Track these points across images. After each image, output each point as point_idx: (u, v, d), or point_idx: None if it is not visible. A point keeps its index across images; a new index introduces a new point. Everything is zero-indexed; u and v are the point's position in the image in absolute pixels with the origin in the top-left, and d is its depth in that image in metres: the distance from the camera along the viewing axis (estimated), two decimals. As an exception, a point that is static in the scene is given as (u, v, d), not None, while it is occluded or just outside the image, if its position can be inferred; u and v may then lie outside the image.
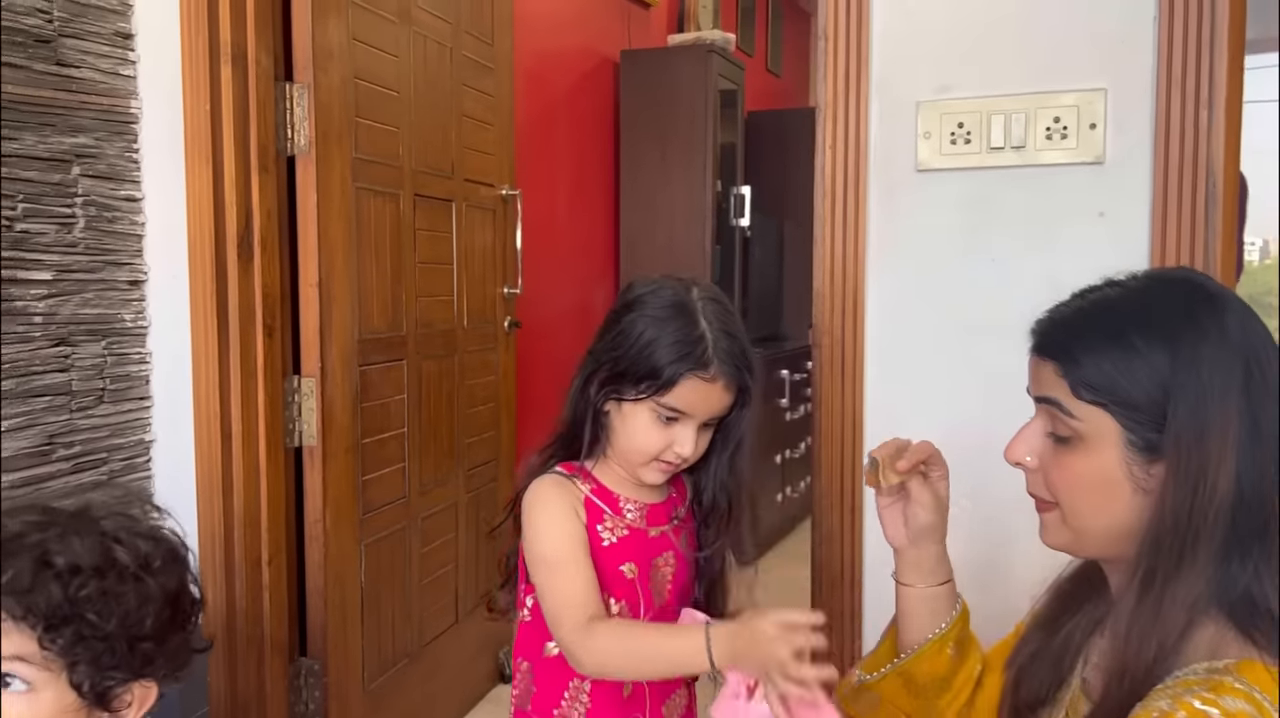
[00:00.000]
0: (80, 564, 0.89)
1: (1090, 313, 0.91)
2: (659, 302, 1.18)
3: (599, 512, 1.22)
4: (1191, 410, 0.83)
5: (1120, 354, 0.86)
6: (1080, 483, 0.89)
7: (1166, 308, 0.88)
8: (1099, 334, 0.88)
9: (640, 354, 1.15)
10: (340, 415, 2.01)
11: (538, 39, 3.17)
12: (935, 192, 1.44)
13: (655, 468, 1.21)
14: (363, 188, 2.08)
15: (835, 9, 1.46)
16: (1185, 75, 1.31)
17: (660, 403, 1.16)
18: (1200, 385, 0.84)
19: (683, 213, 3.75)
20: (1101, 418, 0.87)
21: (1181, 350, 0.84)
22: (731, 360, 1.17)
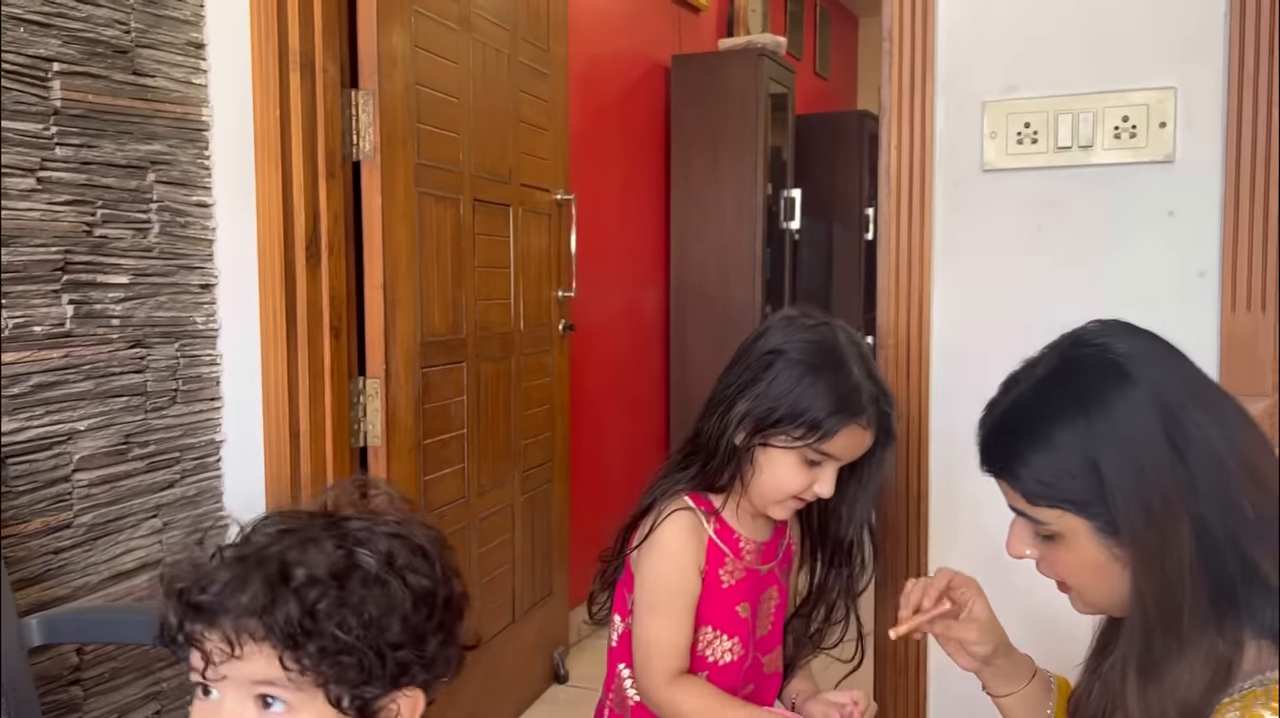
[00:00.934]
0: (317, 575, 0.81)
1: (1011, 420, 0.94)
2: (810, 350, 1.20)
3: (721, 555, 1.25)
4: (1127, 491, 0.86)
5: (1049, 457, 0.89)
6: (1075, 572, 0.93)
7: (1075, 394, 0.90)
8: (1030, 441, 0.91)
9: (796, 405, 1.17)
10: (403, 416, 2.04)
11: (590, 44, 3.19)
12: (1001, 191, 1.44)
13: (788, 505, 1.24)
14: (425, 192, 2.12)
15: (900, 9, 1.47)
16: (1258, 73, 1.30)
17: (816, 450, 1.18)
18: (1127, 464, 0.86)
19: (733, 216, 3.75)
20: (1064, 517, 0.90)
21: (1099, 435, 0.87)
22: (879, 405, 1.20)
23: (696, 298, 3.78)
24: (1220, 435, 0.87)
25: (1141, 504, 0.86)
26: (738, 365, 1.24)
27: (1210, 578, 0.84)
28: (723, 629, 1.25)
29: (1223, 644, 0.83)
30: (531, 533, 2.61)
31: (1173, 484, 0.85)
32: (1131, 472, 0.86)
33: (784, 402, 1.17)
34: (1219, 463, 0.86)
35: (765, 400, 1.19)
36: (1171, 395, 0.88)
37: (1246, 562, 0.84)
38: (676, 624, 1.22)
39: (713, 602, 1.24)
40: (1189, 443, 0.86)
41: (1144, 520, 0.86)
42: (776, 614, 1.32)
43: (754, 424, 1.20)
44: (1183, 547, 0.84)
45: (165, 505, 1.81)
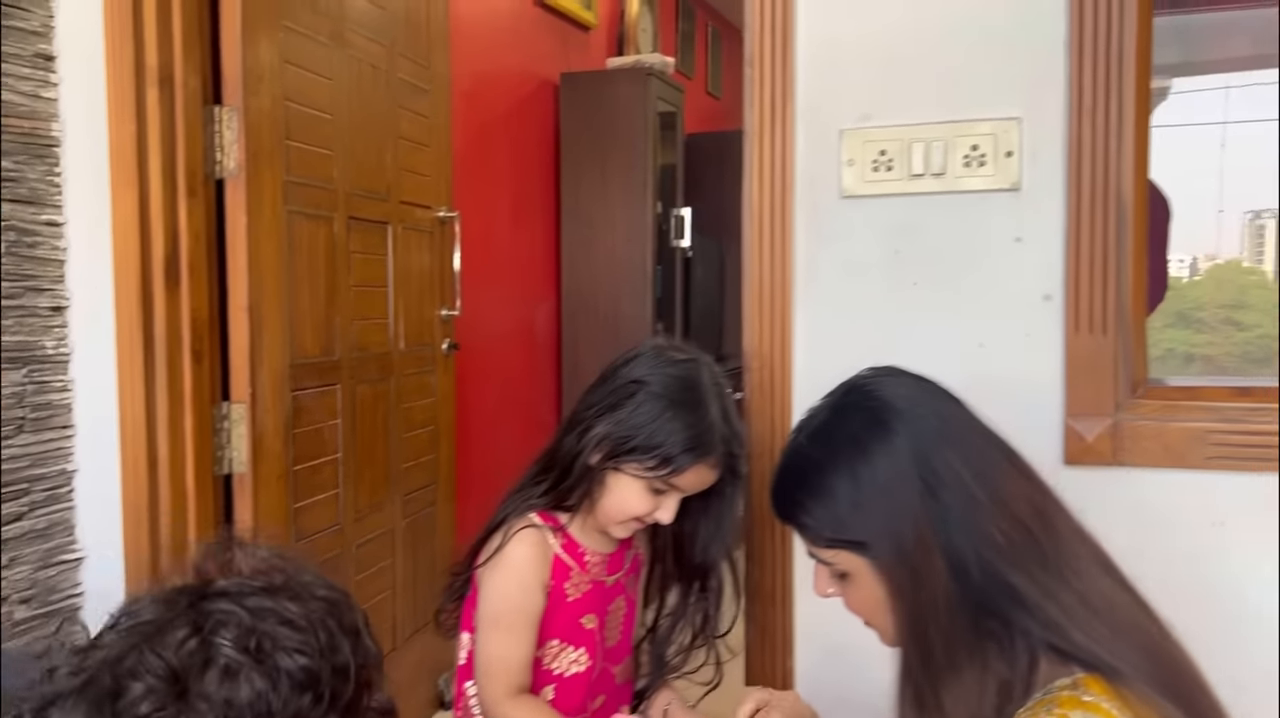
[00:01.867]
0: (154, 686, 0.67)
1: (793, 469, 1.03)
2: (673, 385, 1.24)
3: (566, 569, 1.28)
4: (882, 531, 0.93)
5: (824, 503, 0.97)
6: (867, 608, 0.99)
7: (841, 442, 0.98)
8: (805, 489, 0.99)
9: (652, 438, 1.21)
10: (271, 442, 1.98)
11: (476, 61, 3.17)
12: (859, 217, 1.47)
13: (629, 526, 1.28)
14: (295, 211, 2.07)
15: (760, 36, 1.48)
16: (1095, 105, 1.35)
17: (665, 481, 1.23)
18: (881, 505, 0.94)
19: (623, 234, 3.76)
20: (847, 557, 0.97)
21: (860, 479, 0.95)
22: (729, 447, 1.25)
23: (588, 315, 3.78)
24: (971, 472, 0.94)
25: (895, 542, 0.93)
26: (602, 388, 1.27)
27: (972, 607, 0.90)
28: (569, 642, 1.28)
29: (1002, 666, 0.89)
30: (414, 558, 2.56)
31: (925, 521, 0.92)
32: (884, 512, 0.94)
33: (641, 432, 1.21)
34: (969, 498, 0.93)
35: (623, 428, 1.22)
36: (926, 439, 0.96)
37: (1007, 586, 0.90)
38: (516, 641, 1.24)
39: (559, 615, 1.27)
40: (940, 482, 0.93)
41: (898, 557, 0.93)
42: (625, 624, 1.35)
43: (609, 448, 1.23)
44: (937, 580, 0.91)
45: (11, 540, 1.72)
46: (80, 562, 1.85)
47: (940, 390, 1.04)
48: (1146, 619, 0.96)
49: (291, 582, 0.76)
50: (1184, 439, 1.34)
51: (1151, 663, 0.90)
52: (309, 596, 0.75)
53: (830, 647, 1.52)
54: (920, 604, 0.92)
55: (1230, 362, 6.50)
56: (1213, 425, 1.33)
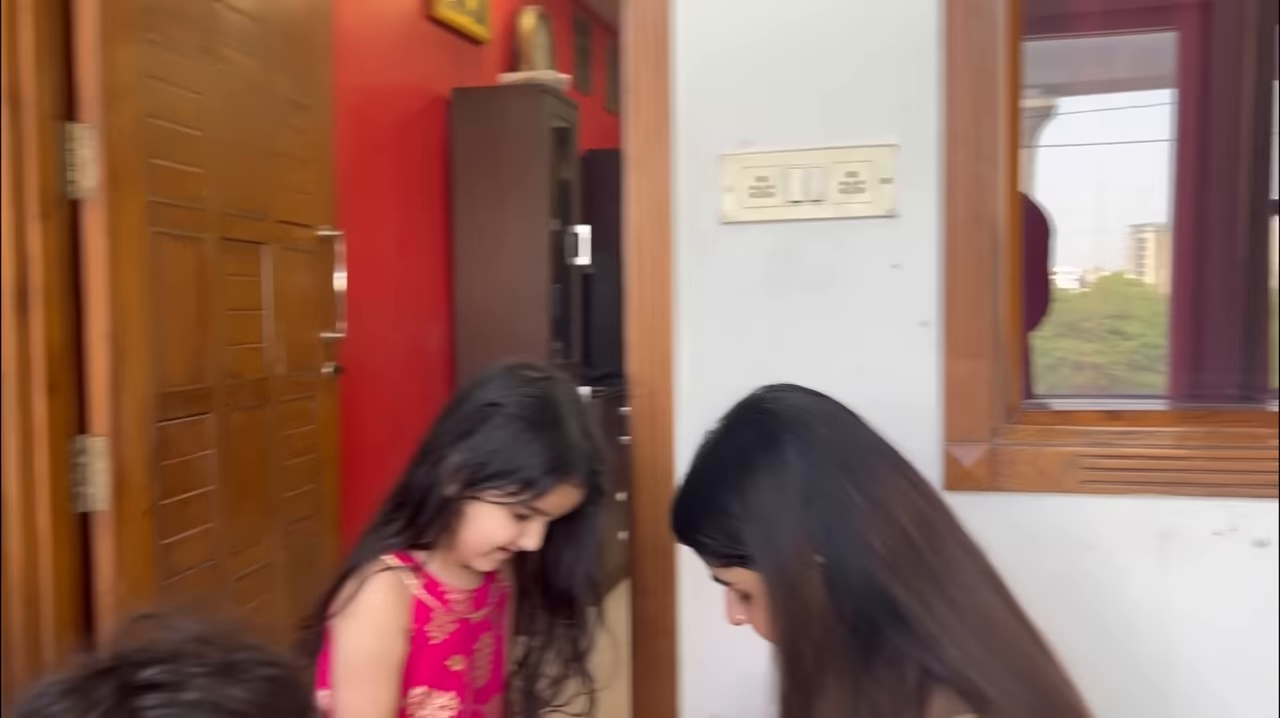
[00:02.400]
0: None
1: (689, 489, 1.03)
2: (529, 406, 1.18)
3: (428, 611, 1.21)
4: (762, 546, 0.93)
5: (717, 520, 0.97)
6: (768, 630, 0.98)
7: (731, 460, 0.99)
8: (700, 508, 1.00)
9: (511, 462, 1.15)
10: (135, 476, 1.88)
11: (362, 75, 3.09)
12: (740, 243, 1.46)
13: (494, 557, 1.21)
14: (161, 232, 1.97)
15: (638, 62, 1.46)
16: (968, 132, 1.36)
17: (528, 507, 1.17)
18: (762, 521, 0.93)
19: (519, 252, 3.71)
20: (744, 574, 0.97)
21: (746, 495, 0.95)
22: (591, 464, 1.21)
23: (482, 335, 3.71)
24: (855, 483, 0.94)
25: (774, 553, 0.93)
26: (454, 414, 1.21)
27: (849, 622, 0.90)
28: (436, 686, 1.21)
29: (876, 688, 0.88)
30: (296, 591, 2.46)
31: (803, 531, 0.92)
32: (764, 528, 0.93)
33: (499, 457, 1.15)
34: (849, 506, 0.93)
35: (480, 454, 1.16)
36: (812, 450, 0.96)
37: (887, 598, 0.89)
38: (377, 694, 1.17)
39: (423, 660, 1.20)
40: (820, 492, 0.93)
41: (776, 569, 0.93)
42: (494, 661, 1.30)
43: (466, 477, 1.17)
44: (812, 593, 0.90)
45: None
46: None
47: (833, 404, 1.04)
48: (1028, 639, 0.95)
49: (230, 660, 0.67)
50: (1057, 463, 1.36)
51: (1026, 687, 0.89)
52: (251, 676, 0.66)
53: (717, 678, 1.50)
54: (794, 618, 0.91)
55: (1117, 369, 6.73)
56: (1084, 449, 1.35)
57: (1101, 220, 6.20)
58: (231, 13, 2.20)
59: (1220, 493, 1.30)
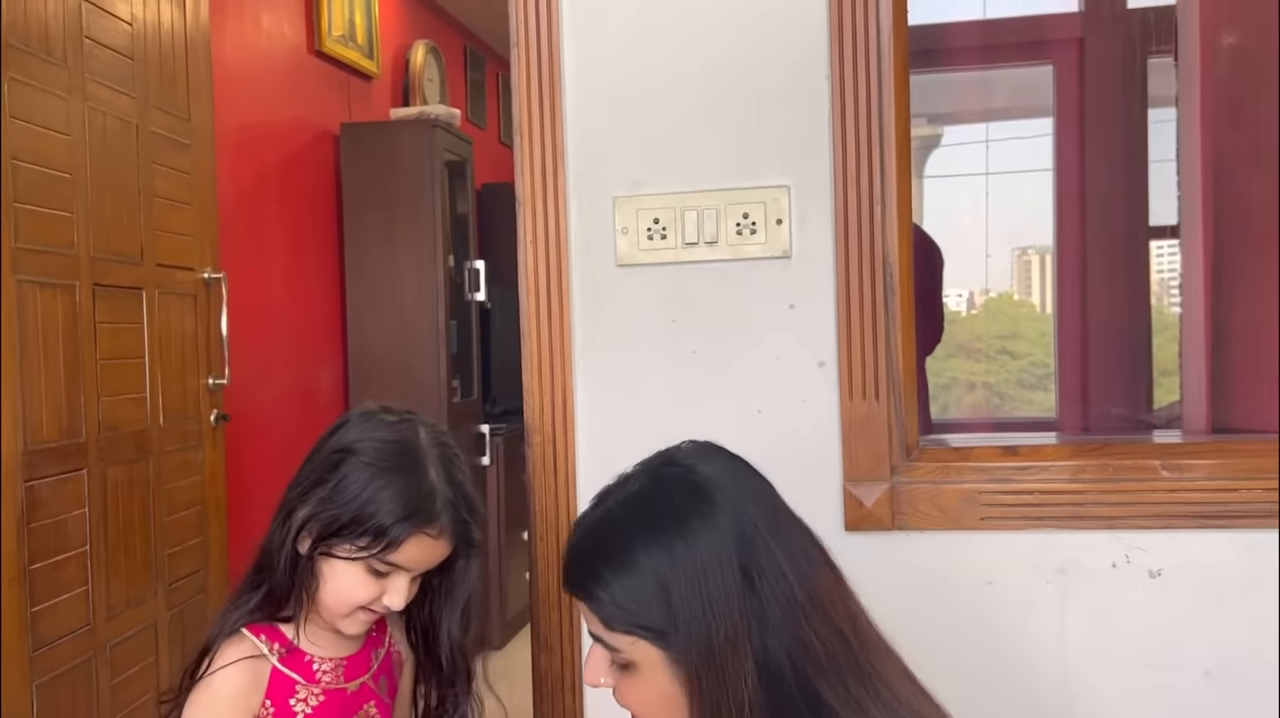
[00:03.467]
0: None
1: (593, 539, 0.92)
2: (384, 450, 1.09)
3: (289, 684, 1.11)
4: (692, 622, 0.83)
5: (627, 581, 0.86)
6: (646, 704, 0.89)
7: (658, 517, 0.88)
8: (610, 562, 0.88)
9: (363, 511, 1.05)
10: (1, 541, 1.76)
11: (245, 112, 2.99)
12: (636, 285, 1.43)
13: (358, 619, 1.11)
14: (26, 280, 1.86)
15: (529, 102, 1.43)
16: (860, 173, 1.37)
17: (383, 561, 1.06)
18: (695, 593, 0.84)
19: (413, 289, 3.64)
20: (638, 644, 0.87)
21: (677, 560, 0.84)
22: (457, 512, 1.09)
23: (378, 375, 3.62)
24: (793, 569, 0.86)
25: (705, 636, 0.83)
26: (308, 464, 1.11)
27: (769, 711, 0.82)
28: None
29: None
30: (182, 652, 2.33)
31: (739, 617, 0.83)
32: (699, 601, 0.83)
33: (349, 508, 1.05)
34: (790, 597, 0.84)
35: (330, 505, 1.06)
36: (750, 525, 0.87)
37: (815, 700, 0.82)
38: None
39: None
40: (762, 575, 0.84)
41: (705, 653, 0.83)
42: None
43: (317, 530, 1.06)
44: (743, 683, 0.82)
45: None
46: None
47: (756, 473, 0.96)
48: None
49: None
50: (957, 501, 1.36)
51: None
52: None
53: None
54: (716, 707, 0.82)
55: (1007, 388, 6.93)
56: (983, 486, 1.36)
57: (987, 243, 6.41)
58: (101, 49, 2.11)
59: (1115, 525, 1.32)
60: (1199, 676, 1.33)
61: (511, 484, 4.09)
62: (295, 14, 3.34)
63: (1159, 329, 2.96)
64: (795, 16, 1.39)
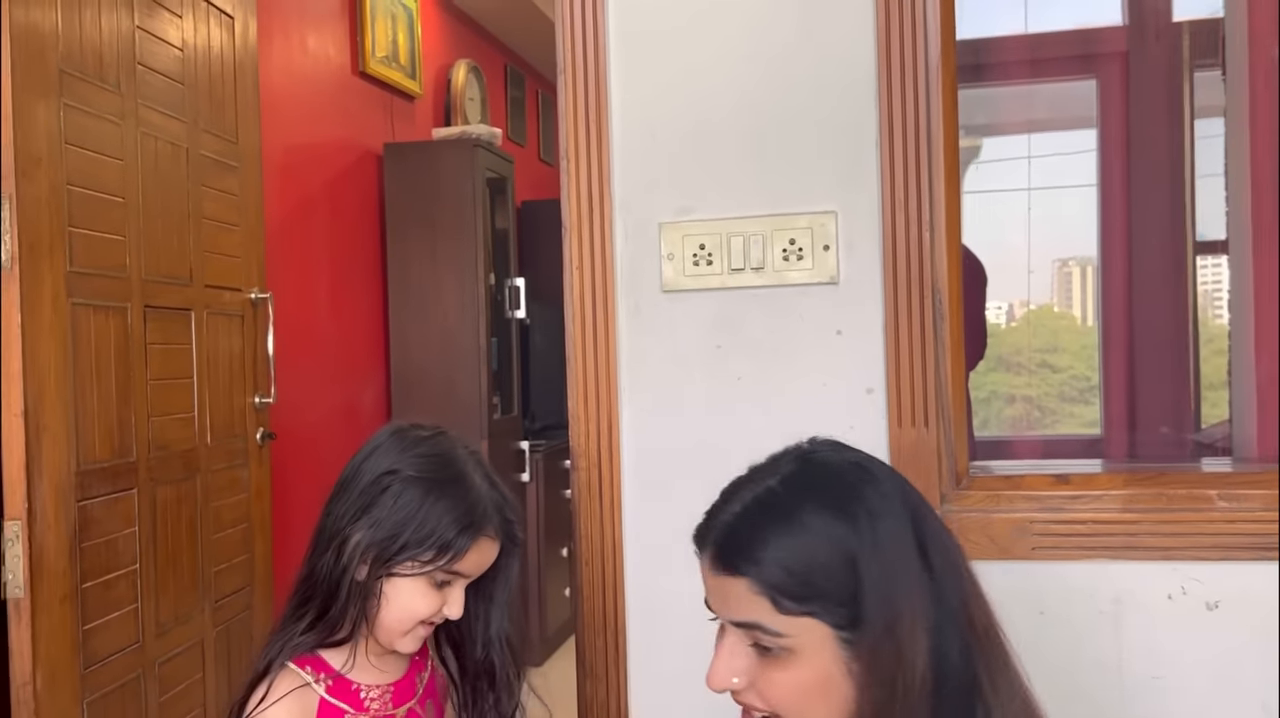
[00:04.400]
0: None
1: (766, 511, 0.85)
2: (429, 465, 1.11)
3: (338, 714, 1.13)
4: (879, 595, 0.80)
5: (812, 553, 0.81)
6: (799, 694, 0.83)
7: (831, 490, 0.85)
8: (787, 534, 0.83)
9: (423, 527, 1.08)
10: (53, 560, 1.79)
11: (292, 133, 3.04)
12: (681, 311, 1.43)
13: (417, 635, 1.14)
14: (80, 303, 1.89)
15: (575, 128, 1.44)
16: (908, 199, 1.36)
17: (448, 571, 1.10)
18: (882, 565, 0.81)
19: (455, 307, 3.66)
20: (812, 626, 0.82)
21: (861, 531, 0.82)
22: (503, 514, 1.13)
23: (420, 392, 3.65)
24: (954, 545, 0.85)
25: (889, 610, 0.80)
26: (348, 491, 1.12)
27: (937, 695, 0.79)
28: None
29: None
30: (229, 668, 2.36)
31: (919, 591, 0.81)
32: (885, 574, 0.80)
33: (409, 526, 1.08)
34: (958, 573, 0.83)
35: (386, 527, 1.08)
36: (916, 500, 0.86)
37: (972, 681, 0.81)
38: None
39: None
40: (934, 549, 0.83)
41: (886, 628, 0.79)
42: None
43: (376, 554, 1.08)
44: (918, 659, 0.79)
45: None
46: None
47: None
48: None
49: None
50: (1008, 530, 1.34)
51: None
52: None
53: (669, 759, 1.45)
54: (898, 686, 0.78)
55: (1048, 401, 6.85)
56: (1034, 515, 1.34)
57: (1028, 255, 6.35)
58: (153, 75, 2.15)
59: (1170, 556, 1.30)
60: (1256, 709, 1.30)
61: (551, 500, 4.09)
62: (340, 36, 3.39)
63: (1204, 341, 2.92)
64: (843, 41, 1.39)
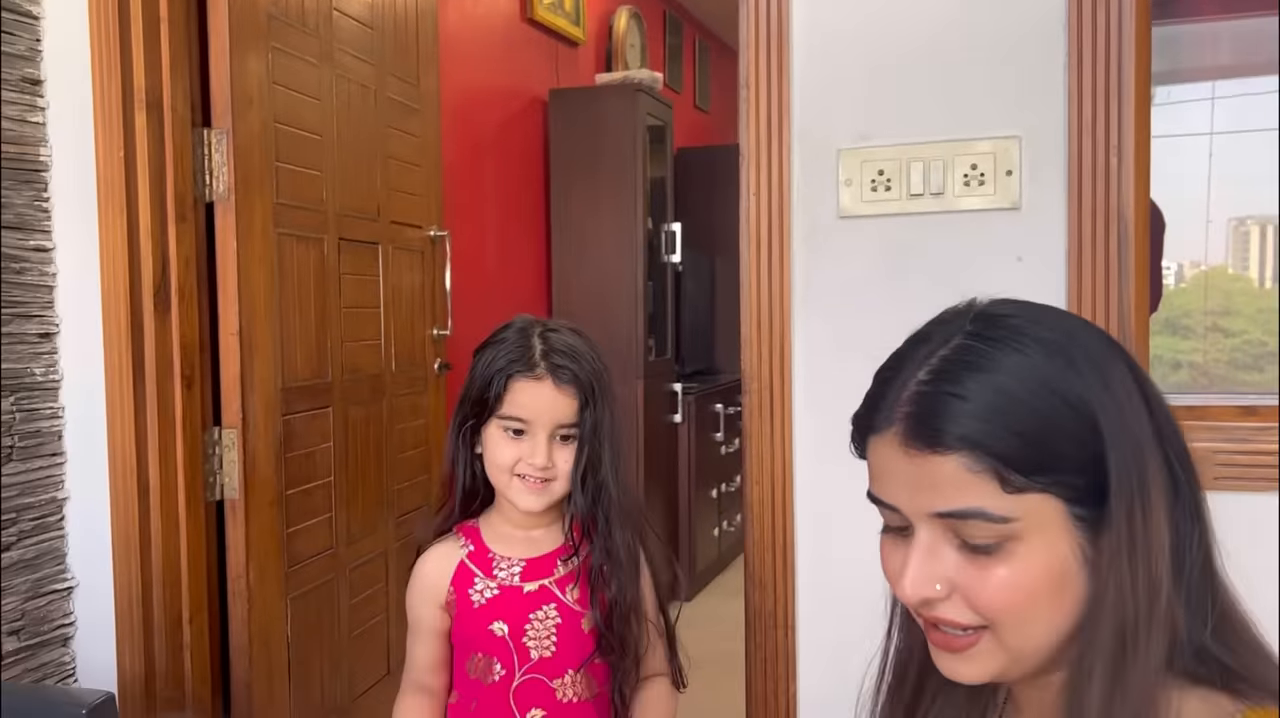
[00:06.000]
0: None
1: (966, 370, 0.69)
2: (499, 332, 1.28)
3: (470, 576, 1.28)
4: (1126, 457, 0.66)
5: (1042, 407, 0.66)
6: (1029, 592, 0.67)
7: (1037, 333, 0.69)
8: (1003, 392, 0.67)
9: (483, 381, 1.24)
10: (263, 467, 1.96)
11: (465, 78, 3.16)
12: (858, 238, 1.46)
13: (522, 488, 1.25)
14: (285, 233, 2.05)
15: (755, 56, 1.47)
16: (1095, 121, 1.35)
17: (501, 416, 1.23)
18: (1120, 417, 0.67)
19: (613, 250, 3.75)
20: (1042, 503, 0.67)
21: (1086, 376, 0.67)
22: (555, 358, 1.23)
23: (579, 332, 3.76)
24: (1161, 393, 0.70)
25: (1136, 475, 0.66)
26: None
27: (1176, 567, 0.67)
28: (481, 649, 1.27)
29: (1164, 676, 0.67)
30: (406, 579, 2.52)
31: (1156, 447, 0.67)
32: (1127, 429, 0.66)
33: (475, 385, 1.25)
34: (1176, 428, 0.70)
35: (464, 392, 1.27)
36: (1121, 344, 0.71)
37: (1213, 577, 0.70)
38: (414, 644, 1.31)
39: (465, 622, 1.27)
40: (1153, 398, 0.69)
41: (1132, 498, 0.66)
42: (561, 636, 1.26)
43: (461, 421, 1.27)
44: (1164, 540, 0.66)
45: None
46: (71, 591, 1.82)
47: None
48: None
49: None
50: (1189, 459, 1.33)
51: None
52: None
53: (837, 673, 1.50)
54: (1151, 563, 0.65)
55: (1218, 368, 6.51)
56: (1219, 445, 1.32)
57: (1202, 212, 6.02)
58: (347, 20, 2.28)
59: (1362, 489, 1.27)
60: None
61: (701, 442, 4.17)
62: (509, -16, 3.49)
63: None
64: (1031, -36, 1.37)
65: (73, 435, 1.81)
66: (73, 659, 1.82)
